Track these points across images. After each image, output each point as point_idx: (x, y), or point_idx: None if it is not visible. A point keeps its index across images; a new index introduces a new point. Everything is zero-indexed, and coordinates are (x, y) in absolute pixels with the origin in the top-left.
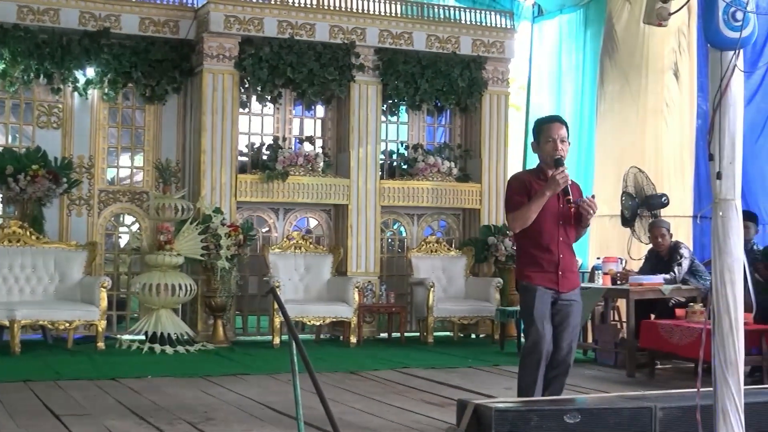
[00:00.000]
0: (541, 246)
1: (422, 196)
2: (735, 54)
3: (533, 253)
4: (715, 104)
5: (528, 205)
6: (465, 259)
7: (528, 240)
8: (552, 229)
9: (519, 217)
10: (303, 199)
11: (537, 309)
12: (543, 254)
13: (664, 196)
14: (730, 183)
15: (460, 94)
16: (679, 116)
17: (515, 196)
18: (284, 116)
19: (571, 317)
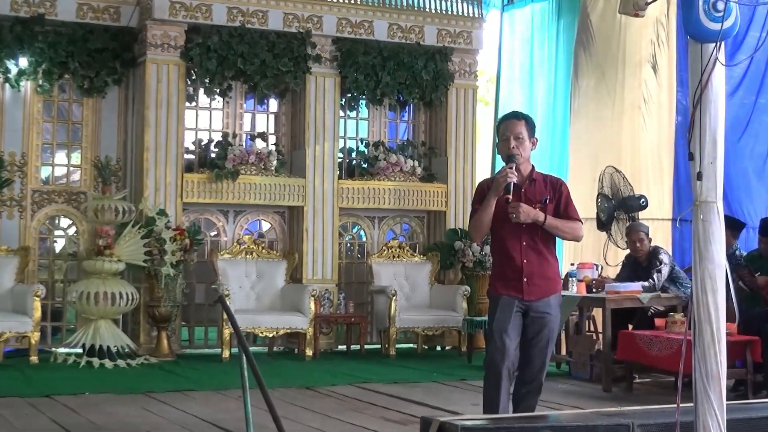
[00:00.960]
0: (503, 252)
1: (384, 198)
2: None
3: (497, 260)
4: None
5: (477, 212)
6: (430, 266)
7: (493, 246)
8: (513, 234)
9: (472, 225)
10: (255, 201)
11: (497, 320)
12: (505, 261)
13: (643, 198)
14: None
15: (425, 88)
16: (658, 112)
17: (474, 204)
18: (234, 111)
19: (545, 331)
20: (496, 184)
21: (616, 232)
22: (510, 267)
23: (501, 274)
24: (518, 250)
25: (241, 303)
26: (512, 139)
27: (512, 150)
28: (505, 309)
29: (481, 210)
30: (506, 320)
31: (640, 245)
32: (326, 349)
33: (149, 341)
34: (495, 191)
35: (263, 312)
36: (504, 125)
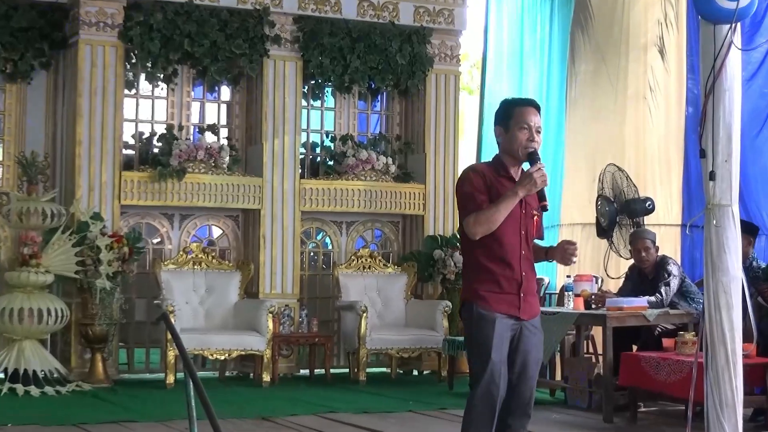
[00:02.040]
0: (501, 260)
1: (353, 200)
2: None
3: (491, 268)
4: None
5: (496, 206)
6: (405, 278)
7: (484, 251)
8: (514, 241)
9: (483, 220)
10: (204, 203)
11: (496, 346)
12: (503, 271)
13: (649, 201)
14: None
15: (400, 74)
16: (666, 103)
17: (476, 193)
18: (181, 99)
19: (534, 352)
20: (531, 185)
21: (618, 239)
22: (508, 279)
23: (495, 286)
24: (517, 259)
25: (187, 321)
26: (534, 131)
27: (534, 144)
28: (504, 333)
29: (501, 205)
30: (506, 346)
31: (646, 255)
32: (286, 374)
33: (82, 365)
34: (526, 190)
35: (213, 331)
36: (523, 111)
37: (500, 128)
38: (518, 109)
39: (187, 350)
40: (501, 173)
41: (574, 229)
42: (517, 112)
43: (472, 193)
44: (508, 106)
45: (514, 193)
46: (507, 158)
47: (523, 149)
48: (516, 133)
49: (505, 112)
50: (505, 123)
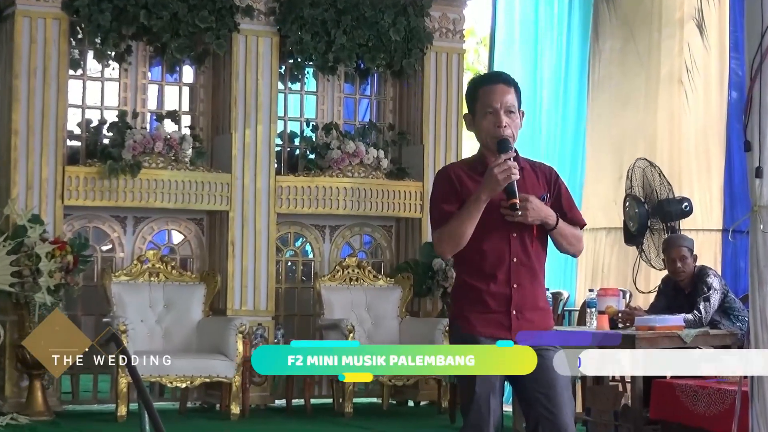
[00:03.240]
0: (481, 272)
1: (338, 200)
2: None
3: (474, 285)
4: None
5: (458, 218)
6: (400, 292)
7: (465, 266)
8: (499, 246)
9: (447, 236)
10: (162, 203)
11: (481, 377)
12: (488, 286)
13: (685, 202)
14: None
15: (393, 52)
16: (705, 86)
17: (441, 203)
18: (135, 82)
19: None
20: (492, 183)
21: (649, 247)
22: (493, 295)
23: (477, 302)
24: (505, 269)
25: (143, 342)
26: (502, 113)
27: (503, 130)
28: None
29: (463, 215)
30: (495, 377)
31: (682, 265)
32: (259, 405)
33: (18, 394)
34: (488, 191)
35: (174, 354)
36: (486, 92)
37: (469, 115)
38: (482, 89)
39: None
40: (479, 169)
41: (597, 235)
42: (480, 93)
43: (436, 205)
44: (472, 86)
45: (476, 199)
46: (485, 151)
47: (491, 138)
48: (481, 120)
49: (470, 94)
50: (471, 108)
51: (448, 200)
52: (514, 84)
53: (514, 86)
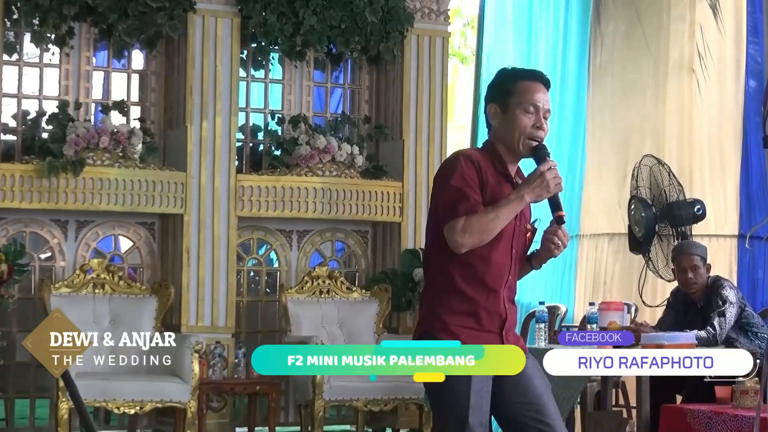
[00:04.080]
0: (483, 284)
1: (306, 201)
2: None
3: (471, 296)
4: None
5: (496, 211)
6: (376, 306)
7: (465, 271)
8: (503, 259)
9: (478, 228)
10: (109, 206)
11: (475, 406)
12: (486, 301)
13: (698, 204)
14: None
15: (369, 35)
16: (719, 75)
17: (469, 190)
18: (78, 68)
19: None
20: (541, 188)
21: (657, 255)
22: (490, 313)
23: (473, 320)
24: (504, 285)
25: (87, 362)
26: (542, 115)
27: (542, 134)
28: (484, 386)
29: (500, 211)
30: (486, 401)
31: (694, 275)
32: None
33: None
34: (535, 195)
35: (121, 376)
36: (528, 88)
37: (496, 107)
38: (523, 83)
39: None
40: (498, 168)
41: (598, 242)
42: (520, 87)
43: (463, 190)
44: (509, 77)
45: (519, 197)
46: (503, 149)
47: (525, 140)
48: (518, 115)
49: (504, 85)
50: (503, 100)
51: (474, 188)
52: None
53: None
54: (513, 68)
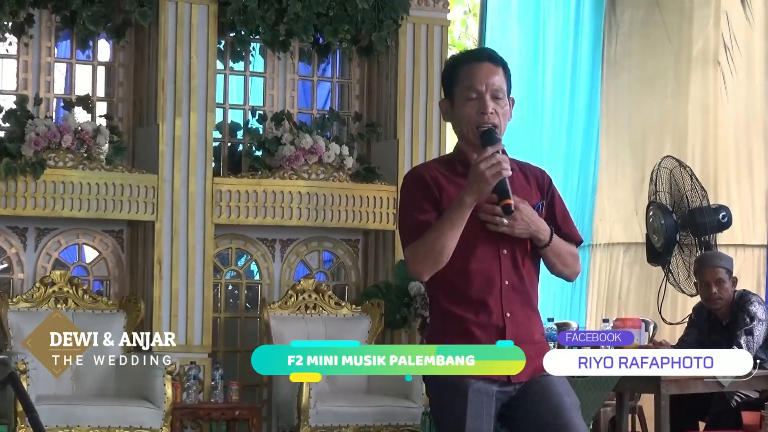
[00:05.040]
0: (467, 298)
1: (291, 207)
2: None
3: (456, 313)
4: None
5: (436, 228)
6: (368, 322)
7: (445, 289)
8: (488, 265)
9: (423, 253)
10: (72, 212)
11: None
12: (475, 315)
13: (723, 211)
14: None
15: (360, 24)
16: (747, 68)
17: (413, 212)
18: (38, 60)
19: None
20: (479, 183)
21: (678, 267)
22: (482, 326)
23: (462, 335)
24: (496, 294)
25: (47, 384)
26: (488, 97)
27: (489, 117)
28: (484, 406)
29: (442, 227)
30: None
31: (718, 290)
32: None
33: None
34: (475, 193)
35: (86, 400)
36: (468, 71)
37: (446, 102)
38: (461, 69)
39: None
40: (458, 170)
41: (613, 252)
42: (460, 74)
43: (410, 213)
44: (450, 67)
45: (459, 204)
46: (465, 146)
47: (474, 129)
48: (461, 107)
49: (448, 77)
50: (449, 94)
51: (422, 208)
52: (503, 63)
53: (503, 66)
54: (454, 54)
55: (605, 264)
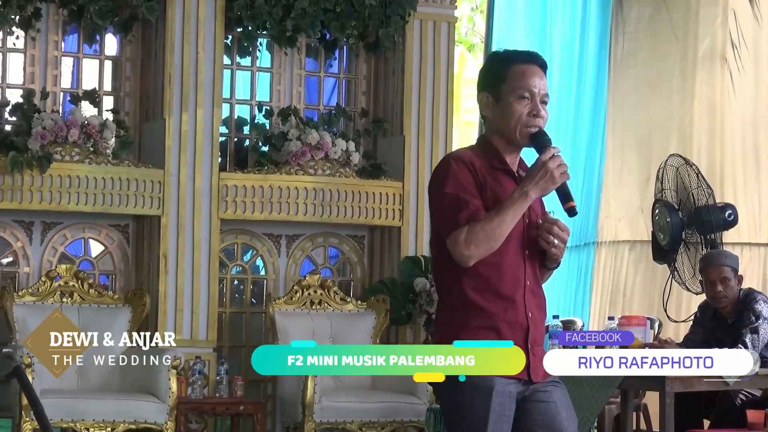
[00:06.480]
0: (498, 293)
1: (297, 203)
2: None
3: (486, 308)
4: None
5: (499, 214)
6: (373, 318)
7: (476, 282)
8: (516, 264)
9: (483, 236)
10: (78, 206)
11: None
12: (504, 312)
13: (729, 209)
14: None
15: (368, 20)
16: (755, 65)
17: (467, 196)
18: (45, 54)
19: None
20: (545, 180)
21: (684, 265)
22: (510, 324)
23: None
24: (521, 293)
25: (52, 379)
26: (538, 101)
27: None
28: (505, 409)
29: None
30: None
31: (724, 288)
32: None
33: None
34: (540, 189)
35: (91, 394)
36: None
37: (487, 96)
38: (516, 68)
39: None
40: (494, 164)
41: (618, 250)
42: (513, 72)
43: (459, 196)
44: (500, 62)
45: (524, 195)
46: (499, 142)
47: (522, 128)
48: (512, 104)
49: (495, 71)
50: (494, 88)
51: (472, 192)
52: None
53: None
54: (505, 51)
55: (610, 261)
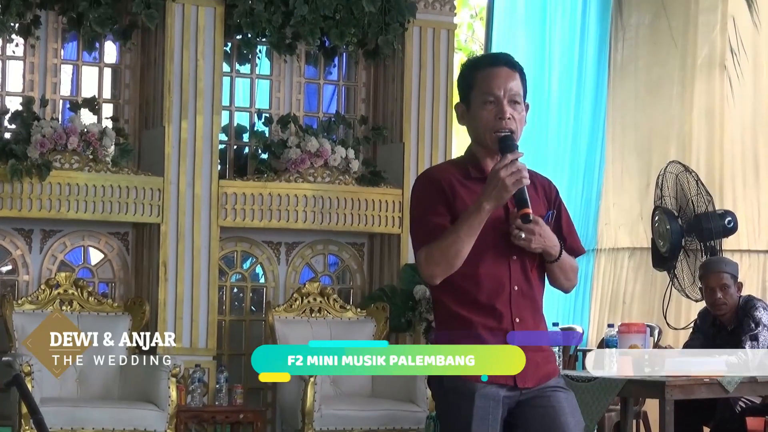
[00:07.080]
0: (476, 302)
1: (296, 211)
2: None
3: (465, 317)
4: None
5: (454, 233)
6: (373, 326)
7: (454, 293)
8: (497, 270)
9: (438, 256)
10: (78, 214)
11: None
12: (485, 319)
13: (728, 216)
14: None
15: (367, 27)
16: (754, 72)
17: (428, 215)
18: (45, 61)
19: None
20: (498, 189)
21: (683, 272)
22: (491, 330)
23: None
24: (505, 299)
25: (52, 387)
26: (506, 102)
27: (507, 123)
28: (490, 412)
29: (459, 230)
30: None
31: (724, 295)
32: None
33: None
34: (494, 199)
35: (90, 402)
36: (486, 76)
37: (462, 106)
38: (479, 73)
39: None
40: (470, 174)
41: (618, 257)
42: (478, 78)
43: (421, 217)
44: (467, 70)
45: (478, 208)
46: (479, 150)
47: (490, 134)
48: (478, 111)
49: (464, 81)
50: (465, 97)
51: (436, 211)
52: (520, 69)
53: (520, 72)
54: (472, 58)
55: (609, 268)
